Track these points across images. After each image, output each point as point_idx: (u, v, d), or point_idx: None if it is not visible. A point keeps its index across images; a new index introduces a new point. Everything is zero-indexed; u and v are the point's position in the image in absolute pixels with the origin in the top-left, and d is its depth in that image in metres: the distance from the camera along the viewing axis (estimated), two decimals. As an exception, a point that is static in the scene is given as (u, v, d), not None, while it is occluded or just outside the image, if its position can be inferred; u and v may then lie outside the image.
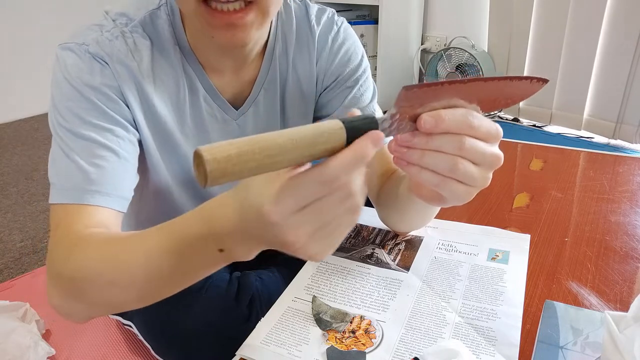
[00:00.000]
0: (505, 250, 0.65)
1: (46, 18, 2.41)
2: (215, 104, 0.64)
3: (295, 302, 0.57)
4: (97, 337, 0.92)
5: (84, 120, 0.53)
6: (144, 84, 0.58)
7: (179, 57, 0.60)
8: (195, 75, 0.61)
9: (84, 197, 0.51)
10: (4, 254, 1.30)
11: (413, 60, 2.39)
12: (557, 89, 1.98)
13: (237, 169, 0.30)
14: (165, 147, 0.63)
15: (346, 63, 0.69)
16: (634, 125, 1.81)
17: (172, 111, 0.61)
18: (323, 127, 0.33)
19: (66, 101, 0.54)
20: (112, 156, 0.53)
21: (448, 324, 0.53)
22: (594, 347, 0.48)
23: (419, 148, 0.38)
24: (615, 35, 1.77)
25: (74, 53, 0.55)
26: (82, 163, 0.52)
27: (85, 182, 0.51)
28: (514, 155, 1.03)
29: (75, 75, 0.54)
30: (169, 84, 0.60)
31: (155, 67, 0.59)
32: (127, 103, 0.57)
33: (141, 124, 0.59)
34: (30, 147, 2.07)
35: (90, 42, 0.55)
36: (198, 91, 0.62)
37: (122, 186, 0.54)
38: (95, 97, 0.54)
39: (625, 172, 0.91)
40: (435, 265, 0.63)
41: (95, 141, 0.53)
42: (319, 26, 0.68)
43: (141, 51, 0.57)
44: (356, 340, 0.51)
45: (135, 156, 0.57)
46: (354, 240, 0.69)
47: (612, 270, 0.63)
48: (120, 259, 0.44)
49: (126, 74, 0.56)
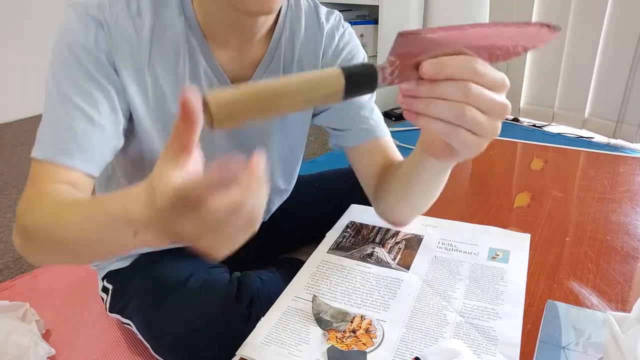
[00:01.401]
0: (505, 250, 0.65)
1: (46, 18, 2.41)
2: (216, 79, 0.63)
3: (295, 301, 0.57)
4: (97, 336, 0.92)
5: (72, 80, 0.55)
6: (141, 51, 0.58)
7: (182, 26, 0.60)
8: (198, 47, 0.61)
9: (57, 156, 0.53)
10: (4, 254, 1.29)
11: (413, 61, 2.40)
12: (558, 89, 1.98)
13: (241, 111, 0.32)
14: (158, 116, 0.62)
15: (349, 62, 0.71)
16: (634, 125, 1.81)
17: (169, 81, 0.61)
18: (323, 73, 0.34)
19: (60, 60, 0.55)
20: (91, 120, 0.55)
21: (449, 324, 0.53)
22: (596, 347, 0.48)
23: (424, 97, 0.38)
24: (616, 35, 1.77)
25: (75, 15, 0.56)
26: (62, 123, 0.54)
27: (60, 142, 0.53)
28: (515, 155, 1.03)
29: (72, 37, 0.55)
30: (169, 52, 0.60)
31: (156, 34, 0.59)
32: (116, 69, 0.57)
33: (132, 91, 0.59)
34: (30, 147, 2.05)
35: (91, 6, 0.56)
36: (199, 64, 0.62)
37: (96, 151, 0.55)
38: (87, 60, 0.55)
39: (626, 172, 0.91)
40: (436, 265, 0.63)
41: (77, 105, 0.54)
42: (328, 24, 0.70)
43: (143, 17, 0.58)
44: (357, 339, 0.51)
45: (115, 122, 0.58)
46: (353, 239, 0.69)
47: (613, 270, 0.62)
48: (61, 218, 0.46)
49: (122, 39, 0.57)
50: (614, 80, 1.82)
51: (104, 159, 0.57)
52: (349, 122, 0.71)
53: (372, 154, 0.71)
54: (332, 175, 1.03)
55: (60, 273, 1.15)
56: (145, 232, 0.37)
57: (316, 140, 2.02)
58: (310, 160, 1.81)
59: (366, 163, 0.72)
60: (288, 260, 1.00)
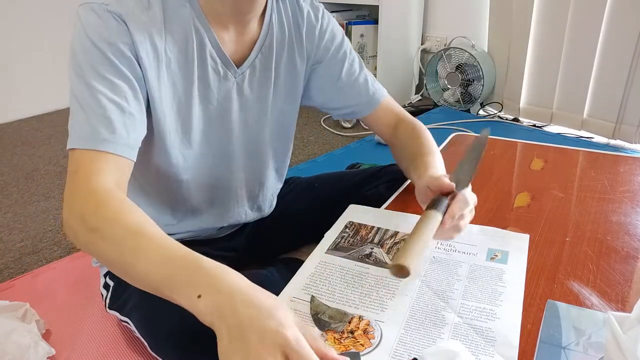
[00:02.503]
0: (504, 250, 0.65)
1: (46, 18, 2.41)
2: (220, 60, 0.70)
3: (293, 302, 0.57)
4: (97, 336, 0.92)
5: (98, 72, 0.59)
6: (156, 39, 0.63)
7: (189, 12, 0.65)
8: (203, 31, 0.67)
9: (99, 144, 0.56)
10: (4, 254, 1.29)
11: (413, 60, 2.39)
12: (557, 89, 1.98)
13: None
14: (169, 97, 0.67)
15: (332, 39, 0.81)
16: (634, 126, 1.81)
17: (180, 65, 0.67)
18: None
19: (84, 54, 0.59)
20: (122, 108, 0.59)
21: (447, 324, 0.52)
22: (597, 347, 0.48)
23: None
24: (615, 35, 1.77)
25: (94, 12, 0.60)
26: (95, 114, 0.57)
27: (99, 132, 0.57)
28: (515, 155, 1.03)
29: (95, 32, 0.59)
30: (178, 38, 0.65)
31: (167, 22, 0.64)
32: (138, 59, 0.62)
33: (151, 77, 0.64)
34: (30, 147, 2.07)
35: (109, 2, 0.61)
36: (205, 46, 0.67)
37: (131, 136, 0.59)
38: (111, 52, 0.59)
39: (626, 172, 0.91)
40: (434, 265, 0.62)
41: (106, 95, 0.58)
42: (306, 4, 0.79)
43: (154, 7, 0.63)
44: (355, 340, 0.51)
45: (140, 111, 0.62)
46: (352, 239, 0.69)
47: (613, 271, 0.62)
48: (129, 246, 0.48)
49: (140, 30, 0.61)
50: (613, 81, 1.81)
51: (138, 143, 0.61)
52: (352, 99, 0.83)
53: (382, 118, 0.85)
54: (332, 177, 1.03)
55: (60, 273, 1.15)
56: (209, 300, 0.41)
57: (316, 140, 2.02)
58: (310, 160, 1.81)
59: (380, 125, 0.86)
60: (287, 260, 1.00)
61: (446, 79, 2.23)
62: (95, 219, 0.51)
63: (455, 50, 2.15)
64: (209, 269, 0.43)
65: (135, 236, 0.48)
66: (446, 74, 2.22)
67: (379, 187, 0.91)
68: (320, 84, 0.83)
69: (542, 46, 1.98)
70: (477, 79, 2.13)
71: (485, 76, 2.10)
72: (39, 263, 1.25)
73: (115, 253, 0.49)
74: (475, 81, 2.14)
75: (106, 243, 0.49)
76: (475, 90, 2.16)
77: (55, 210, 1.53)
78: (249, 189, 0.85)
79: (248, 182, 0.84)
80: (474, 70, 2.12)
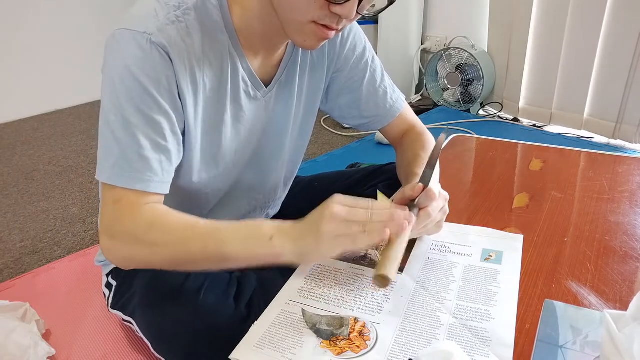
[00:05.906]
0: (498, 251, 0.65)
1: (46, 18, 2.41)
2: (250, 82, 0.70)
3: (289, 304, 0.57)
4: (97, 336, 0.92)
5: (138, 108, 0.58)
6: (195, 68, 0.62)
7: (226, 39, 0.65)
8: (237, 57, 0.67)
9: (137, 184, 0.59)
10: (4, 254, 1.30)
11: (413, 60, 2.39)
12: (557, 89, 1.97)
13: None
14: (203, 120, 0.67)
15: (354, 49, 0.80)
16: (634, 125, 1.80)
17: (214, 90, 0.66)
18: None
19: (124, 88, 0.57)
20: (158, 146, 0.60)
21: (442, 325, 0.52)
22: (594, 346, 0.48)
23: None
24: (615, 35, 1.76)
25: (136, 42, 0.57)
26: (131, 151, 0.58)
27: (136, 171, 0.59)
28: (514, 156, 1.03)
29: (137, 66, 0.57)
30: (215, 65, 0.65)
31: (205, 49, 0.63)
32: (179, 91, 0.61)
33: (189, 107, 0.63)
34: (30, 147, 2.08)
35: (153, 32, 0.57)
36: (238, 71, 0.68)
37: (166, 173, 0.61)
38: (153, 88, 0.58)
39: (625, 172, 0.91)
40: (429, 267, 0.62)
41: (144, 132, 0.58)
42: None
43: (193, 35, 0.61)
44: (350, 342, 0.51)
45: (177, 143, 0.63)
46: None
47: (611, 270, 0.62)
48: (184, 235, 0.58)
49: (182, 60, 0.60)
50: (613, 81, 1.81)
51: (172, 177, 0.63)
52: (370, 110, 0.83)
53: (395, 126, 0.85)
54: (331, 176, 1.03)
55: (60, 273, 1.15)
56: (279, 236, 0.54)
57: (316, 140, 2.01)
58: (310, 160, 1.81)
59: (394, 133, 0.86)
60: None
61: (446, 79, 2.23)
62: (150, 235, 0.57)
63: (455, 50, 2.15)
64: (264, 224, 0.57)
65: (194, 230, 0.58)
66: (446, 74, 2.22)
67: (378, 186, 0.91)
68: (339, 94, 0.83)
69: (542, 46, 1.97)
70: (477, 79, 2.13)
71: (485, 76, 2.10)
72: (39, 263, 1.25)
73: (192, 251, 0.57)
74: (475, 81, 2.14)
75: (168, 249, 0.58)
76: (475, 90, 2.16)
77: (55, 210, 1.54)
78: (265, 199, 0.87)
79: (264, 192, 0.85)
80: (474, 70, 2.12)
